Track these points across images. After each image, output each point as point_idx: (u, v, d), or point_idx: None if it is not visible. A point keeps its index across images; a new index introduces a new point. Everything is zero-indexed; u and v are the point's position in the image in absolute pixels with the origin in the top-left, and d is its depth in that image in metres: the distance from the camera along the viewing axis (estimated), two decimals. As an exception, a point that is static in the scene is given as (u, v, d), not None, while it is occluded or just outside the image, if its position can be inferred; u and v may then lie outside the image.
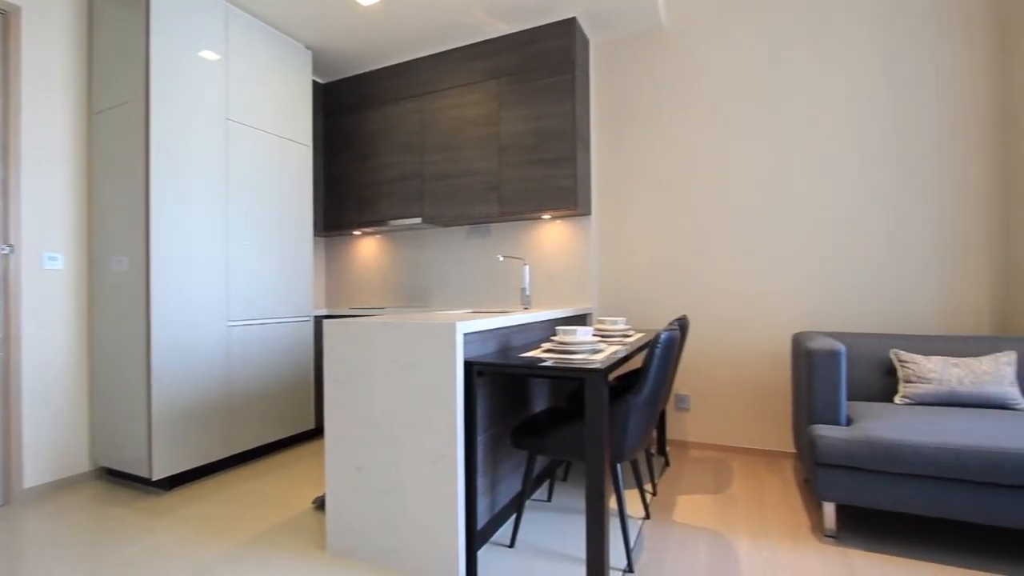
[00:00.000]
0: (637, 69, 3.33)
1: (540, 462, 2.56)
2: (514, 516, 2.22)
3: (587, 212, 3.25)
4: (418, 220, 3.51)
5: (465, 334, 1.81)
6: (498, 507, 2.12)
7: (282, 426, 3.15)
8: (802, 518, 2.21)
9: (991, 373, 2.10)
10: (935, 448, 1.81)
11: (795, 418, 2.56)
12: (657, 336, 1.78)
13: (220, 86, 2.81)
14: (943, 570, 1.79)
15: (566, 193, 3.05)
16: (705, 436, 3.14)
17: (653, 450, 3.11)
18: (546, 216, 3.32)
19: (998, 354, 2.16)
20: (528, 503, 2.38)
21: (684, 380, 3.19)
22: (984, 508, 1.78)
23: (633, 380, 2.52)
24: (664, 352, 1.79)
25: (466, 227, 3.69)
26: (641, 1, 2.96)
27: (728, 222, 3.08)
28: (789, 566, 1.84)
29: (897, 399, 2.26)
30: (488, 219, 3.39)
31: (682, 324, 2.48)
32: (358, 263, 4.13)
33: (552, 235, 3.41)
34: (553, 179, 3.09)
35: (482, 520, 1.99)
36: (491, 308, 3.50)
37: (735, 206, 3.07)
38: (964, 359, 2.19)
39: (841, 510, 2.25)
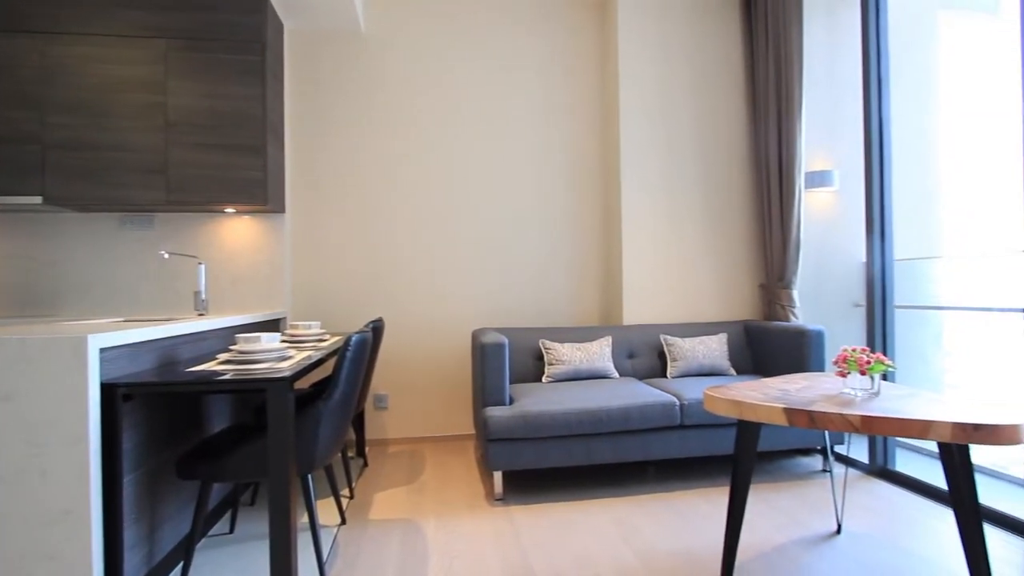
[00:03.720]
0: (338, 69, 3.29)
1: (220, 490, 2.25)
2: (182, 564, 1.89)
3: (280, 209, 3.02)
4: (38, 200, 2.62)
5: (103, 349, 1.45)
6: (160, 556, 1.77)
7: None
8: (478, 489, 2.58)
9: (598, 353, 2.90)
10: (564, 413, 2.38)
11: (474, 403, 2.96)
12: (348, 339, 1.79)
13: None
14: (575, 504, 2.36)
15: (255, 186, 2.77)
16: (403, 431, 3.33)
17: (352, 453, 3.12)
18: (230, 210, 2.94)
19: (601, 339, 2.99)
20: (206, 540, 2.07)
21: (382, 380, 3.31)
22: (594, 452, 2.44)
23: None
24: (355, 355, 1.82)
25: (118, 215, 2.94)
26: None
27: (418, 229, 3.34)
28: (466, 533, 2.11)
29: (544, 379, 2.88)
30: (151, 207, 2.79)
31: (377, 326, 2.56)
32: (-84, 255, 2.81)
33: (238, 232, 3.04)
34: (239, 169, 2.76)
35: (133, 577, 1.62)
36: (154, 316, 2.89)
37: (424, 214, 3.35)
38: (583, 344, 2.94)
39: (507, 476, 2.72)
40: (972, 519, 1.44)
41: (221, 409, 2.31)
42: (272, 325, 2.98)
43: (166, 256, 2.64)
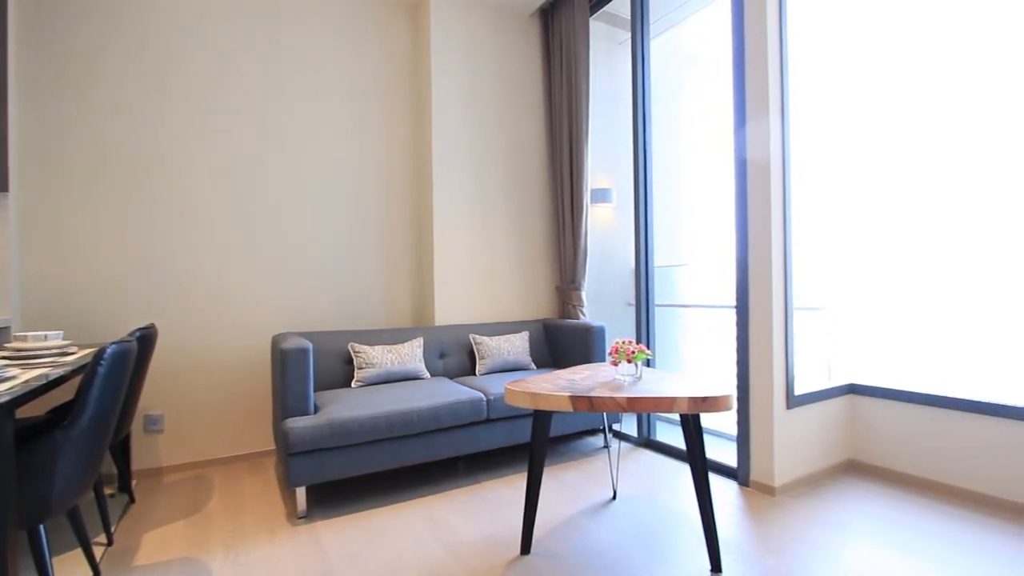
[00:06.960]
0: (91, 20, 2.68)
1: None
2: None
3: (0, 187, 2.35)
4: None
5: None
6: None
7: None
8: (279, 509, 2.36)
9: (409, 354, 2.91)
10: (374, 417, 2.33)
11: (274, 415, 2.71)
12: (101, 351, 1.49)
13: None
14: (386, 509, 2.32)
15: (-44, 157, 2.10)
16: (184, 456, 2.86)
17: (111, 490, 2.58)
18: (-88, 185, 2.18)
19: (412, 340, 3.01)
20: None
21: (156, 397, 2.80)
22: (406, 453, 2.44)
23: (76, 410, 2.00)
24: (111, 370, 1.52)
25: None
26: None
27: (204, 221, 2.93)
28: (263, 561, 1.92)
29: (354, 383, 2.78)
30: None
31: (147, 334, 2.17)
32: None
33: (-73, 215, 2.27)
34: (-73, 132, 2.06)
35: None
36: None
37: (212, 206, 2.95)
38: (394, 346, 2.92)
39: (311, 490, 2.55)
40: (701, 470, 1.83)
41: None
42: (-16, 338, 2.29)
43: None
